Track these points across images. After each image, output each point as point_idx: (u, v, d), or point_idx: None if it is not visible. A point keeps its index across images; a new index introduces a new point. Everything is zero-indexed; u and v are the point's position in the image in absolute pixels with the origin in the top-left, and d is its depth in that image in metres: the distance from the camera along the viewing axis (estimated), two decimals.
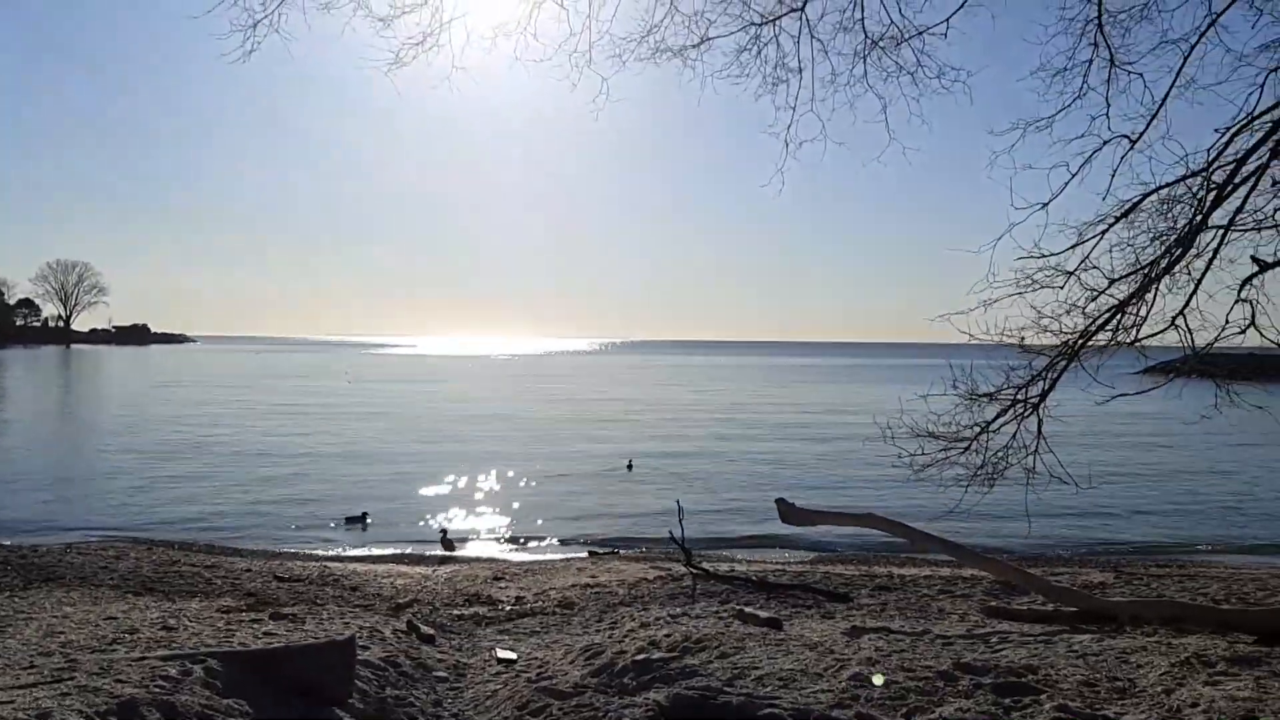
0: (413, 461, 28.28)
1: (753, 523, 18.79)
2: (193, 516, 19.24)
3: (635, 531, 18.25)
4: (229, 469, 26.09)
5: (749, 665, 6.23)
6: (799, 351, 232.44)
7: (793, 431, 38.86)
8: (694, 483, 24.41)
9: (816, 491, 22.36)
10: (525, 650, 8.24)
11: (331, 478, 24.80)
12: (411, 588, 12.06)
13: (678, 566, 12.73)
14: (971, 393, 8.33)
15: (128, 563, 12.93)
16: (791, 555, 16.03)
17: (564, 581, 12.69)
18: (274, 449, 30.79)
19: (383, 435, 35.84)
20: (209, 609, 9.54)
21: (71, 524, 18.02)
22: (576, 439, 36.01)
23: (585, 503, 21.67)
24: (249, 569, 12.96)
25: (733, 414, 48.23)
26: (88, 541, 15.54)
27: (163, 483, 23.41)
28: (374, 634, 8.18)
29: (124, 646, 7.39)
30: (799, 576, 12.48)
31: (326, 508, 20.49)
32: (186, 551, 14.95)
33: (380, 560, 15.41)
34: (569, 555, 16.24)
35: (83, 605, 9.66)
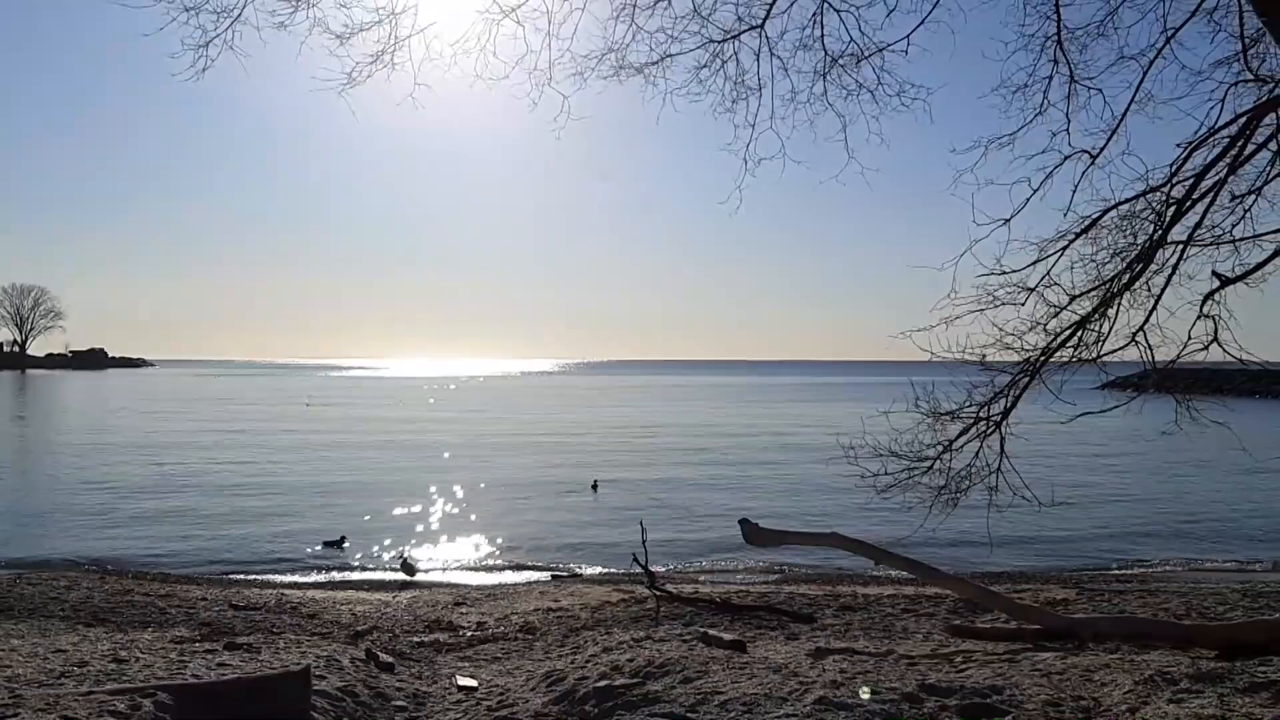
0: (372, 485, 27.94)
1: (717, 543, 18.71)
2: (146, 545, 18.83)
3: (599, 553, 18.11)
4: (185, 495, 25.61)
5: (712, 690, 6.14)
6: (762, 370, 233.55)
7: (756, 451, 38.91)
8: (658, 503, 24.30)
9: (780, 512, 22.34)
10: (486, 677, 8.12)
11: (289, 502, 24.42)
12: (371, 614, 11.87)
13: (641, 589, 12.63)
14: (934, 411, 8.32)
15: (79, 593, 12.62)
16: (756, 576, 15.97)
17: (526, 606, 12.55)
18: (231, 474, 30.31)
19: (341, 459, 35.41)
20: (162, 640, 9.30)
21: (21, 553, 17.59)
22: (540, 459, 35.82)
23: (548, 524, 21.50)
24: (204, 598, 12.69)
25: (697, 433, 48.22)
26: (38, 572, 15.16)
27: (117, 511, 22.93)
28: (331, 663, 8.01)
29: (72, 680, 7.17)
30: (763, 597, 12.42)
31: (287, 533, 20.17)
32: (140, 580, 14.62)
33: (339, 586, 15.18)
34: (532, 578, 16.07)
35: (31, 637, 9.39)
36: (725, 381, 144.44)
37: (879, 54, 7.80)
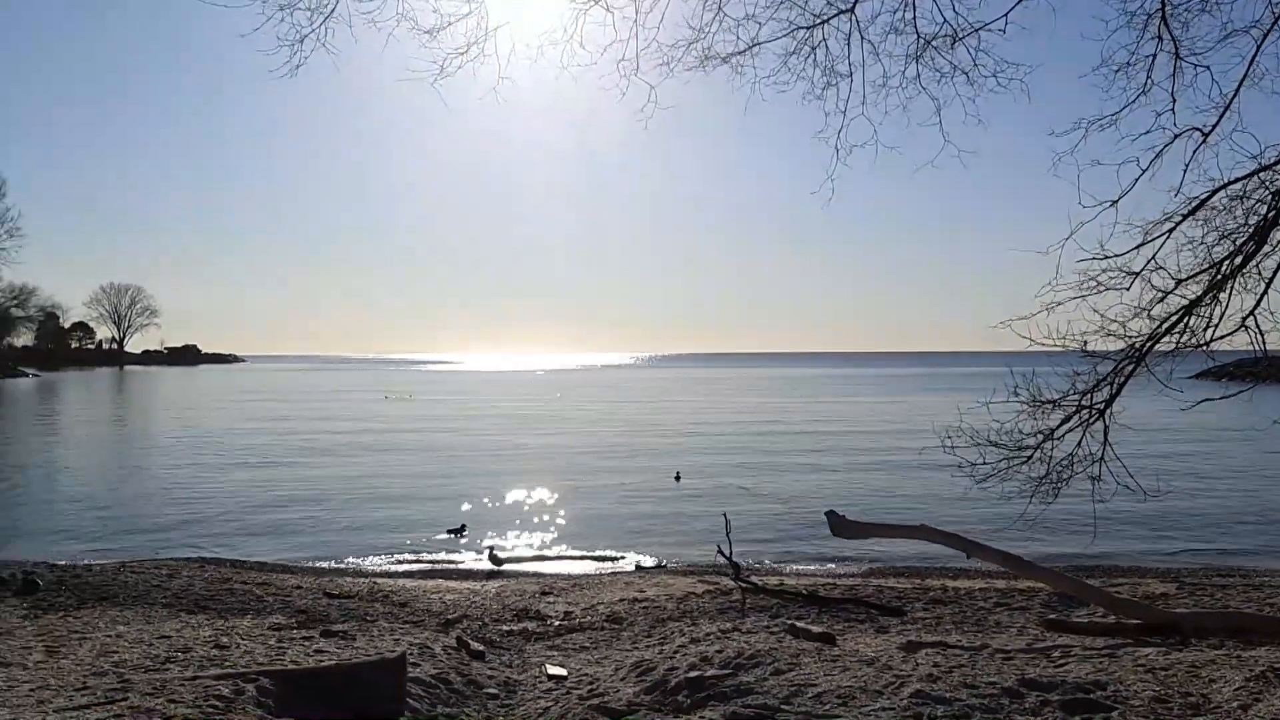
0: (457, 475, 28.35)
1: (802, 536, 18.57)
2: (242, 534, 19.40)
3: (682, 545, 18.10)
4: (277, 485, 26.32)
5: (805, 682, 6.09)
6: (848, 362, 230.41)
7: (842, 442, 38.47)
8: (742, 494, 24.20)
9: (868, 504, 22.09)
10: (575, 666, 8.17)
11: (378, 492, 24.93)
12: (460, 603, 12.02)
13: (726, 581, 12.59)
14: (1034, 399, 8.13)
15: (180, 581, 13.01)
16: (842, 569, 15.81)
17: (612, 596, 12.60)
18: (317, 467, 31.04)
19: (424, 451, 36.00)
20: (260, 626, 9.55)
21: (124, 543, 18.23)
22: (622, 451, 35.95)
23: (632, 515, 21.55)
24: (299, 586, 13.00)
25: (781, 425, 47.90)
26: (140, 560, 15.68)
27: (213, 500, 23.66)
28: (424, 650, 8.14)
29: (177, 666, 7.40)
30: (850, 590, 12.29)
31: (380, 522, 20.64)
32: (238, 569, 15.03)
33: (428, 575, 15.40)
34: (616, 569, 16.14)
35: (136, 624, 9.71)
36: (807, 373, 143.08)
37: (975, 34, 7.61)
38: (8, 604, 10.91)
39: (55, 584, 12.34)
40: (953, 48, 7.72)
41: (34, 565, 14.22)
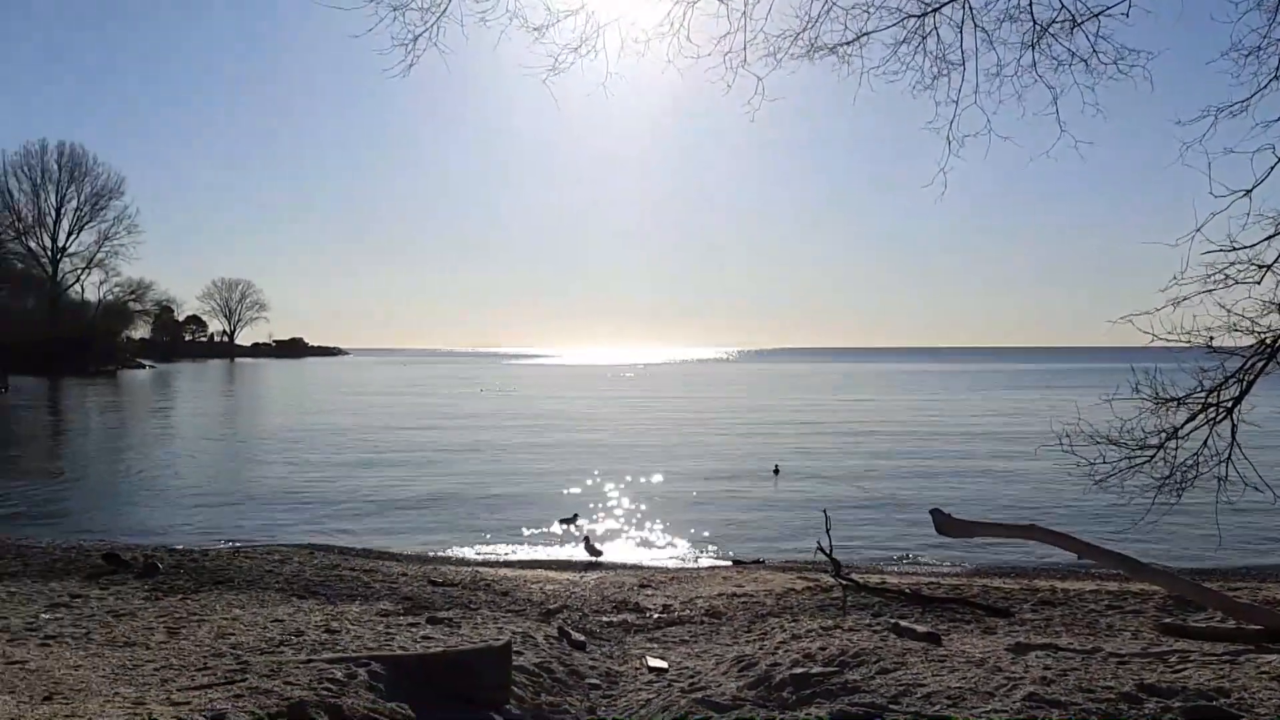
0: (553, 467, 28.65)
1: (905, 533, 18.27)
2: (349, 521, 19.94)
3: (781, 539, 17.98)
4: (381, 474, 26.97)
5: (913, 682, 5.98)
6: (954, 357, 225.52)
7: (948, 438, 37.74)
8: (842, 490, 23.93)
9: (973, 502, 21.62)
10: (675, 659, 8.16)
11: (481, 481, 25.34)
12: (560, 593, 12.14)
13: (826, 577, 12.44)
14: (1157, 397, 7.82)
15: (291, 566, 13.42)
16: (946, 567, 15.51)
17: (710, 590, 12.57)
18: (418, 454, 31.70)
19: (521, 442, 36.47)
20: (369, 612, 9.78)
21: (238, 529, 18.89)
22: (719, 443, 35.89)
23: (729, 509, 21.49)
24: (404, 573, 13.28)
25: (882, 420, 47.20)
26: (253, 546, 16.22)
27: (320, 488, 24.36)
28: (527, 639, 8.24)
29: (291, 649, 7.64)
30: (955, 590, 12.03)
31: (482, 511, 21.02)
32: (345, 556, 15.44)
33: (528, 565, 15.60)
34: (714, 563, 16.11)
35: (251, 608, 10.04)
36: (911, 369, 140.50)
37: (1095, 19, 7.36)
38: (130, 586, 11.40)
39: (174, 568, 12.84)
40: (1071, 34, 7.47)
41: (154, 549, 14.84)
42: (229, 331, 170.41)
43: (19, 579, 11.75)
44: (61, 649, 7.53)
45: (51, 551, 14.46)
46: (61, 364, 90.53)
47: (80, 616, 9.21)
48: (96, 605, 9.92)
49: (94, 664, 6.77)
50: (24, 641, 7.88)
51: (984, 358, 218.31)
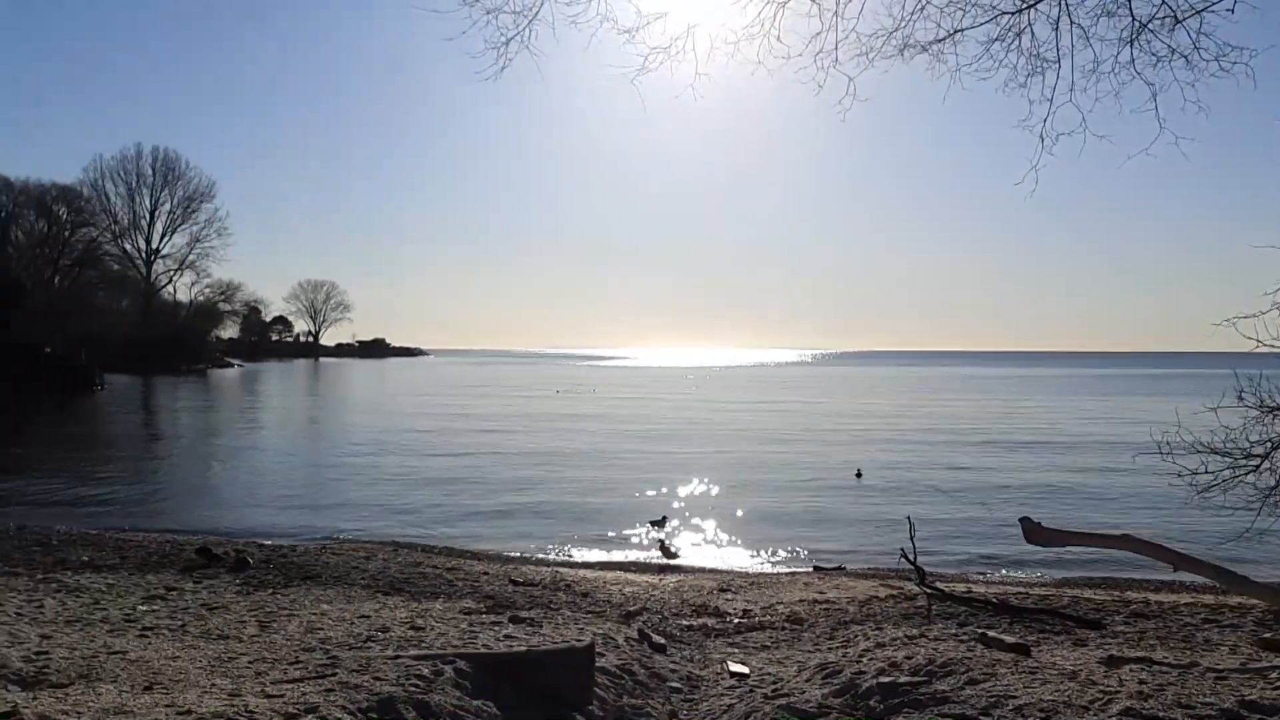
0: (629, 468, 28.72)
1: (991, 541, 17.90)
2: (430, 519, 20.23)
3: (863, 546, 17.74)
4: (460, 472, 27.32)
5: (1003, 694, 5.85)
6: (1040, 362, 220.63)
7: (1036, 443, 36.90)
8: (926, 496, 23.55)
9: (1063, 509, 21.09)
10: (757, 665, 8.11)
11: (558, 483, 25.52)
12: (639, 596, 12.15)
13: (910, 585, 12.24)
14: (1263, 405, 7.54)
15: (376, 563, 13.66)
16: (1034, 577, 15.15)
17: (791, 596, 12.47)
18: (498, 454, 32.03)
19: (598, 443, 36.62)
20: (452, 610, 9.90)
21: (323, 525, 19.30)
22: (801, 447, 35.59)
23: (810, 513, 21.29)
24: (486, 572, 13.42)
25: (967, 424, 46.36)
26: (339, 542, 16.56)
27: (402, 485, 24.77)
28: (608, 641, 8.26)
29: (378, 644, 7.76)
30: (1044, 600, 11.73)
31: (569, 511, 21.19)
32: (428, 554, 15.67)
33: (607, 567, 15.63)
34: (794, 569, 15.97)
35: (338, 603, 10.24)
36: (997, 373, 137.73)
37: (1197, 16, 7.14)
38: (222, 580, 11.71)
39: (264, 562, 13.16)
40: (1172, 31, 7.26)
41: (244, 544, 15.22)
42: (314, 332, 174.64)
43: (117, 571, 12.16)
44: (159, 640, 7.77)
45: (147, 545, 14.92)
46: (154, 363, 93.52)
47: (176, 609, 9.48)
48: (191, 598, 10.21)
49: (190, 655, 6.96)
50: (123, 632, 8.14)
51: (1072, 362, 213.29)
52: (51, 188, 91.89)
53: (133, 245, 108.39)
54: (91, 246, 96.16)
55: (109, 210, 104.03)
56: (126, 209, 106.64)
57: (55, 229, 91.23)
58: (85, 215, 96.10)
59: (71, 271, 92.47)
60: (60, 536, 15.48)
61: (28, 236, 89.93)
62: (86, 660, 6.56)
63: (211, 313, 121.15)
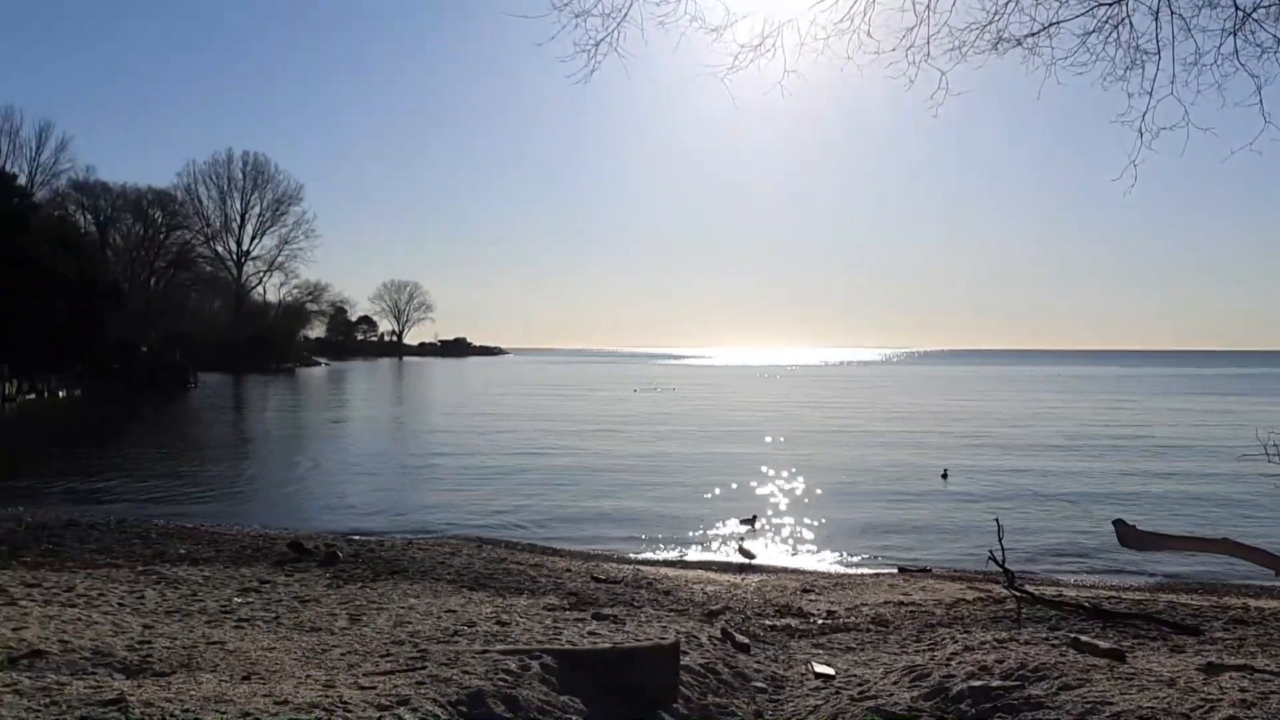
0: (708, 467, 28.65)
1: (1082, 543, 17.48)
2: (512, 515, 20.46)
3: (949, 547, 17.47)
4: (541, 470, 27.59)
5: (1100, 700, 5.70)
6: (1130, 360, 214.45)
7: (1130, 445, 35.90)
8: (1015, 497, 23.09)
9: (1158, 513, 20.50)
10: (842, 666, 8.02)
11: (636, 481, 25.62)
12: (721, 595, 12.11)
13: (998, 589, 12.01)
14: None
15: (461, 559, 13.84)
16: (1128, 581, 14.75)
17: (875, 598, 12.31)
18: (573, 451, 32.26)
19: (675, 442, 36.63)
20: (536, 606, 9.99)
21: (408, 520, 19.66)
22: (885, 446, 35.19)
23: (894, 514, 21.04)
24: (568, 569, 13.52)
25: (1055, 424, 45.39)
26: (425, 538, 16.82)
27: (486, 483, 25.10)
28: (691, 639, 8.24)
29: (465, 639, 7.87)
30: (1138, 605, 11.41)
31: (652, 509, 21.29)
32: (511, 550, 15.84)
33: (687, 566, 15.63)
34: (878, 570, 15.78)
35: (425, 597, 10.40)
36: (1080, 371, 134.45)
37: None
38: (313, 573, 11.98)
39: (353, 557, 13.43)
40: (1278, 20, 7.00)
41: (333, 539, 15.56)
42: (397, 331, 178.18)
43: (212, 564, 12.52)
44: (254, 631, 7.98)
45: (241, 539, 15.35)
46: (244, 361, 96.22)
47: (269, 601, 9.73)
48: (283, 591, 10.47)
49: (285, 646, 7.14)
50: (220, 623, 8.38)
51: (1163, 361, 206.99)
52: (148, 192, 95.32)
53: (224, 247, 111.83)
54: (185, 249, 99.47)
55: (201, 213, 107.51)
56: (218, 212, 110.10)
57: (151, 232, 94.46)
58: (179, 219, 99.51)
59: (166, 273, 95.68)
60: (159, 530, 16.00)
61: (125, 240, 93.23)
62: (187, 650, 6.76)
63: (299, 313, 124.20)
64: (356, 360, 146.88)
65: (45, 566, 11.71)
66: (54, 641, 6.76)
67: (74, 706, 4.59)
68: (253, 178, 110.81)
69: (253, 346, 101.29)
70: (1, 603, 8.74)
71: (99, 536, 14.78)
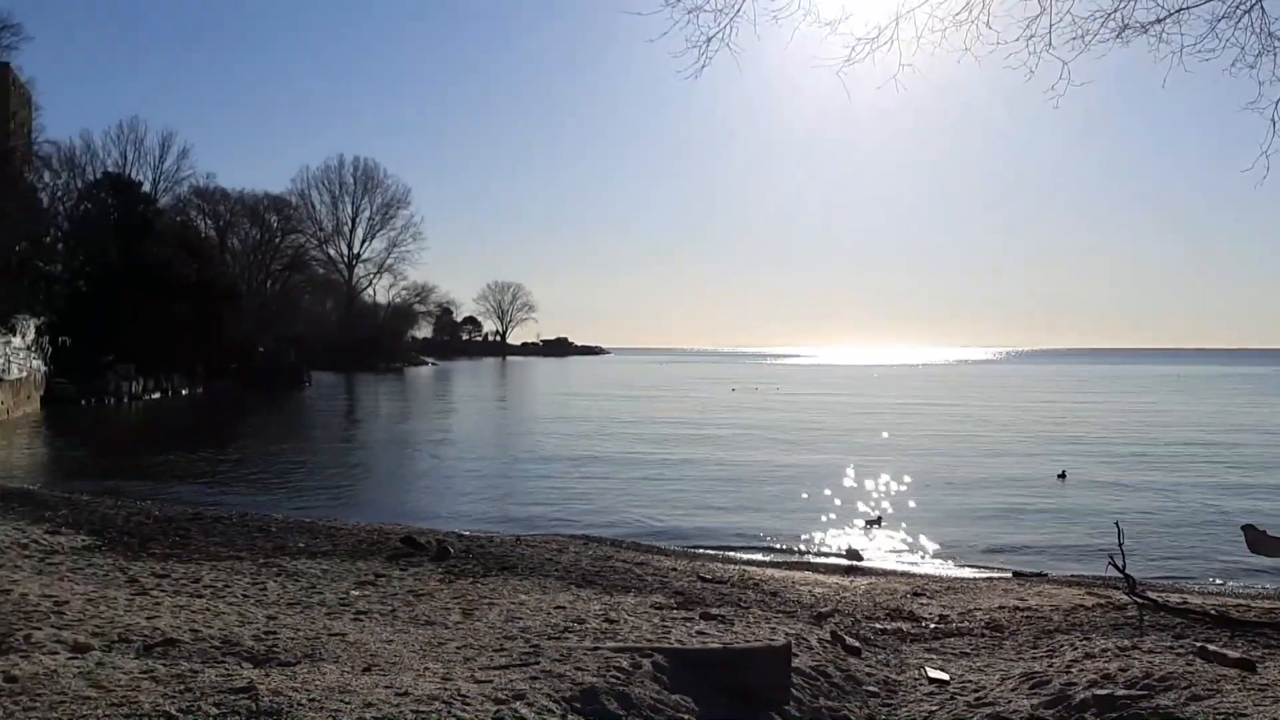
0: (813, 468, 28.34)
1: (1208, 549, 16.81)
2: (616, 513, 20.61)
3: (1066, 552, 16.98)
4: (647, 468, 27.73)
5: (1232, 711, 5.49)
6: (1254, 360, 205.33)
7: (1258, 447, 34.42)
8: (1135, 500, 22.34)
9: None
10: (956, 671, 7.87)
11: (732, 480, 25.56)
12: (830, 597, 11.99)
13: (1119, 595, 11.61)
14: None
15: (568, 556, 13.98)
16: (1257, 588, 14.11)
17: (989, 602, 12.03)
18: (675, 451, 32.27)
19: (780, 441, 36.35)
20: (643, 604, 10.02)
21: (517, 517, 19.98)
22: (998, 446, 34.39)
23: (1007, 516, 20.56)
24: (674, 568, 13.54)
25: (1178, 424, 43.73)
26: (532, 535, 17.04)
27: (590, 481, 25.34)
28: (800, 641, 8.17)
29: (575, 635, 7.95)
30: (1268, 613, 10.91)
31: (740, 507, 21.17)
32: (617, 548, 15.93)
33: (793, 567, 15.51)
34: (990, 574, 15.42)
35: (534, 594, 10.54)
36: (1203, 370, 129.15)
37: None
38: (425, 568, 12.24)
39: (463, 552, 13.68)
40: None
41: (444, 534, 15.88)
42: (501, 331, 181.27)
43: (330, 557, 12.90)
44: (372, 624, 8.20)
45: (356, 533, 15.77)
46: (355, 361, 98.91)
47: (385, 594, 9.99)
48: (398, 585, 10.73)
49: (403, 639, 7.31)
50: (339, 615, 8.63)
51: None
52: (264, 197, 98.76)
53: (336, 250, 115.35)
54: (299, 252, 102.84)
55: (314, 218, 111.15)
56: (330, 216, 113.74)
57: (267, 236, 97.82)
58: (293, 223, 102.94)
59: (281, 276, 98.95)
60: (278, 524, 16.55)
61: (243, 244, 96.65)
62: (310, 641, 6.98)
63: (407, 314, 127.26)
64: (461, 360, 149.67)
65: (173, 558, 12.22)
66: (185, 630, 7.05)
67: (207, 694, 4.77)
68: (363, 182, 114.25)
69: (363, 347, 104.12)
70: (134, 592, 9.16)
71: (223, 529, 15.36)
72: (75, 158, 67.69)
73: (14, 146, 48.60)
